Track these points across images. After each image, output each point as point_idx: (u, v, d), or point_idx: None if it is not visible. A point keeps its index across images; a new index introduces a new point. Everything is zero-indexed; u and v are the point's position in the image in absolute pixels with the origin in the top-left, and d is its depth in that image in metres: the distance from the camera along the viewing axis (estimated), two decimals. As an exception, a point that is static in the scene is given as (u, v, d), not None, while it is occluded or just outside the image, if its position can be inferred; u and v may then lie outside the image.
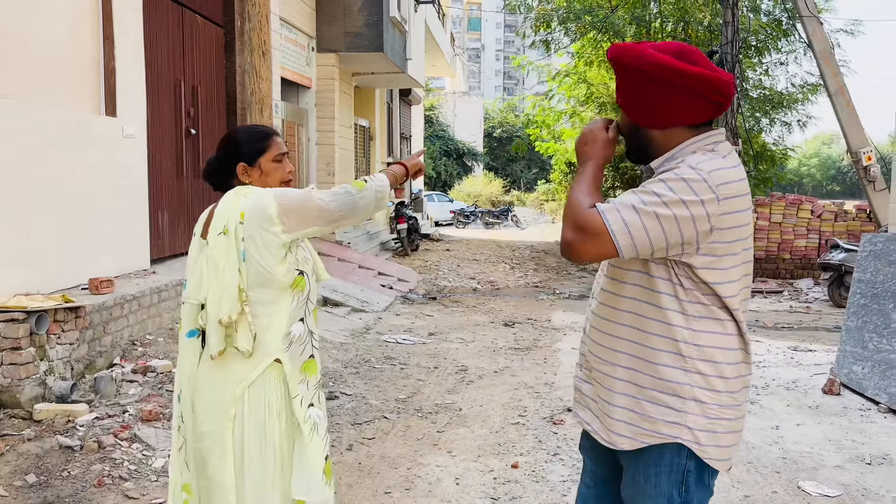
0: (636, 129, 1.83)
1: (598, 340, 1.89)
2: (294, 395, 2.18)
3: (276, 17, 9.66)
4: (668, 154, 1.79)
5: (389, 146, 18.47)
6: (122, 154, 6.35)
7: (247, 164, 2.26)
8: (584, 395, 1.96)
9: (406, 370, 6.21)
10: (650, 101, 1.77)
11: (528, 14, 18.65)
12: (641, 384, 1.81)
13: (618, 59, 1.79)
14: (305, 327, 2.22)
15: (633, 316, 1.82)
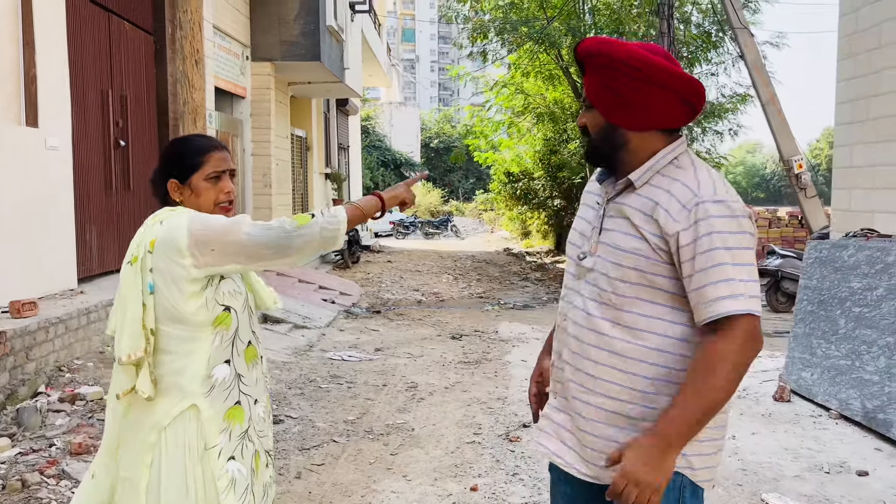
0: (612, 129, 1.74)
1: (581, 368, 1.75)
2: (211, 446, 1.88)
3: (209, 25, 9.32)
4: (649, 165, 1.71)
5: (327, 156, 18.16)
6: (45, 167, 5.96)
7: (178, 182, 1.99)
8: (557, 426, 1.82)
9: (354, 389, 5.98)
10: (636, 99, 1.68)
11: (464, 25, 18.67)
12: (633, 416, 1.70)
13: (604, 53, 1.70)
14: (232, 370, 1.93)
15: (630, 346, 1.69)
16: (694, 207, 1.62)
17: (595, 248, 1.76)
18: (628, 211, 1.71)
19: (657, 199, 1.67)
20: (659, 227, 1.65)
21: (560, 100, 18.43)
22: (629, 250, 1.68)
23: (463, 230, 30.72)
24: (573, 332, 1.78)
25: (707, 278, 1.58)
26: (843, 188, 5.71)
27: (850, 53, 5.61)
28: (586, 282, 1.77)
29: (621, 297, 1.69)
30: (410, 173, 43.65)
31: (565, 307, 1.83)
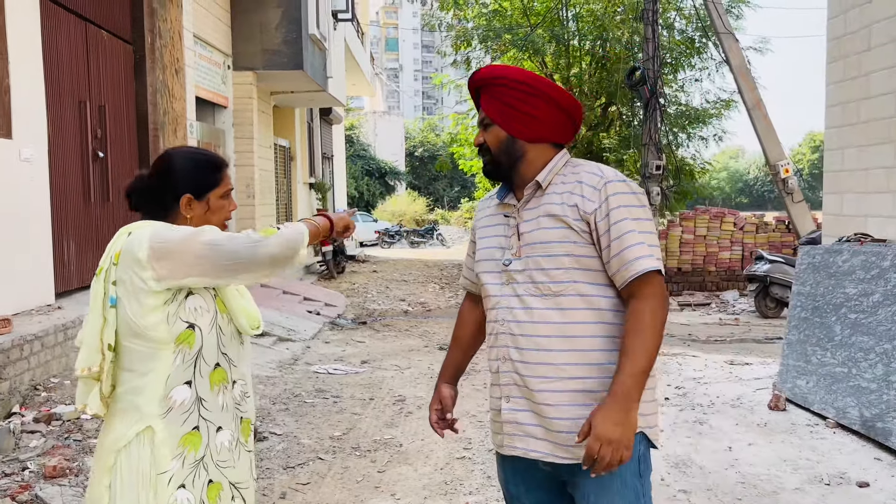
0: (512, 141, 1.93)
1: (539, 360, 1.88)
2: (162, 472, 1.77)
3: (189, 34, 9.18)
4: (549, 167, 1.93)
5: (311, 166, 18.01)
6: (20, 179, 5.79)
7: (193, 197, 1.90)
8: (522, 425, 1.92)
9: (340, 403, 5.84)
10: (534, 114, 1.91)
11: (447, 33, 18.62)
12: (593, 389, 1.86)
13: (500, 75, 1.94)
14: (192, 393, 1.82)
15: (576, 325, 1.86)
16: (603, 186, 1.86)
17: (519, 252, 1.93)
18: (546, 208, 1.90)
19: (570, 189, 1.89)
20: (578, 210, 1.86)
21: (545, 107, 18.38)
22: (557, 240, 1.87)
23: (449, 239, 30.61)
24: (518, 332, 1.90)
25: (623, 244, 1.82)
26: (835, 192, 5.64)
27: (839, 56, 5.56)
28: (518, 283, 1.92)
29: (559, 283, 1.86)
30: (396, 182, 43.58)
31: (500, 314, 1.95)
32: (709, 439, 4.72)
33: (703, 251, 12.37)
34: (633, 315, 1.80)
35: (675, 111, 17.59)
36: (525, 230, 1.93)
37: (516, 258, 1.93)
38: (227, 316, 1.90)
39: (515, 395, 1.93)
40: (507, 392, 1.95)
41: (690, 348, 7.94)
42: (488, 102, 1.94)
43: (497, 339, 1.96)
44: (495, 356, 1.98)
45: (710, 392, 5.90)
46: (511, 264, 1.94)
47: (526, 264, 1.91)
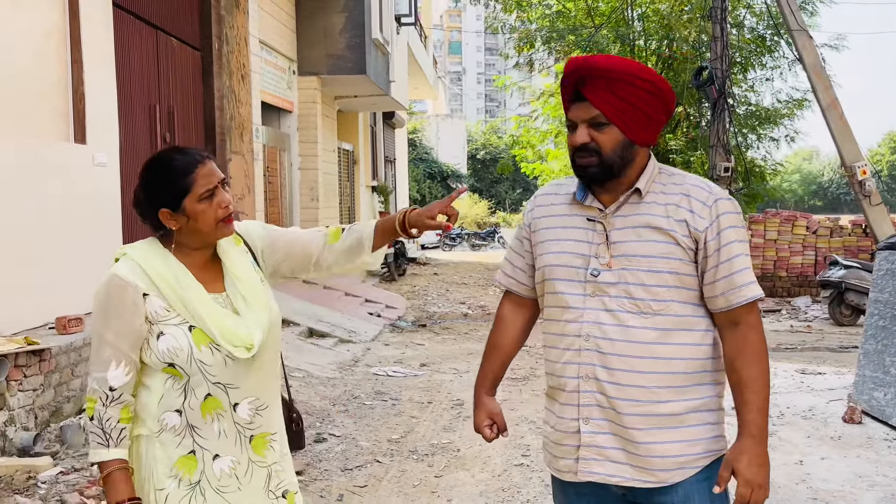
0: (629, 145, 1.78)
1: (630, 383, 1.78)
2: (160, 488, 1.78)
3: (255, 40, 9.37)
4: (648, 173, 1.81)
5: (374, 169, 18.19)
6: (93, 183, 5.99)
7: (170, 211, 1.80)
8: (602, 448, 1.82)
9: (398, 406, 5.84)
10: (653, 117, 1.78)
11: (510, 35, 18.54)
12: (678, 412, 1.79)
13: (626, 70, 1.75)
14: (183, 421, 1.79)
15: (670, 347, 1.77)
16: (713, 204, 1.76)
17: (610, 263, 1.79)
18: (647, 219, 1.78)
19: (675, 202, 1.78)
20: (687, 227, 1.76)
21: (609, 108, 18.10)
22: (661, 255, 1.76)
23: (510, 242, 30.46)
24: (609, 350, 1.78)
25: (733, 267, 1.75)
26: (915, 195, 5.35)
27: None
28: (611, 297, 1.79)
29: (660, 301, 1.76)
30: (457, 185, 43.65)
31: (585, 328, 1.81)
32: (778, 452, 4.54)
33: (774, 255, 11.95)
34: (747, 345, 1.75)
35: (745, 111, 17.09)
36: (618, 239, 1.79)
37: (606, 269, 1.79)
38: (209, 346, 1.79)
39: (596, 417, 1.82)
40: (586, 413, 1.82)
41: (759, 356, 7.67)
42: (604, 98, 1.74)
43: (579, 355, 1.82)
44: (574, 373, 1.83)
45: (780, 402, 5.67)
46: (600, 275, 1.79)
47: (621, 277, 1.78)
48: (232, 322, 1.82)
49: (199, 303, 1.79)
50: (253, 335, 1.82)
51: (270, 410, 1.91)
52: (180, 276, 1.80)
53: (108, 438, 1.74)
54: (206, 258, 1.88)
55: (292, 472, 2.00)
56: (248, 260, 1.93)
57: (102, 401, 1.74)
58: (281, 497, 1.92)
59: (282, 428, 1.97)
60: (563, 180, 1.97)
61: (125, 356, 1.76)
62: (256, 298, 1.88)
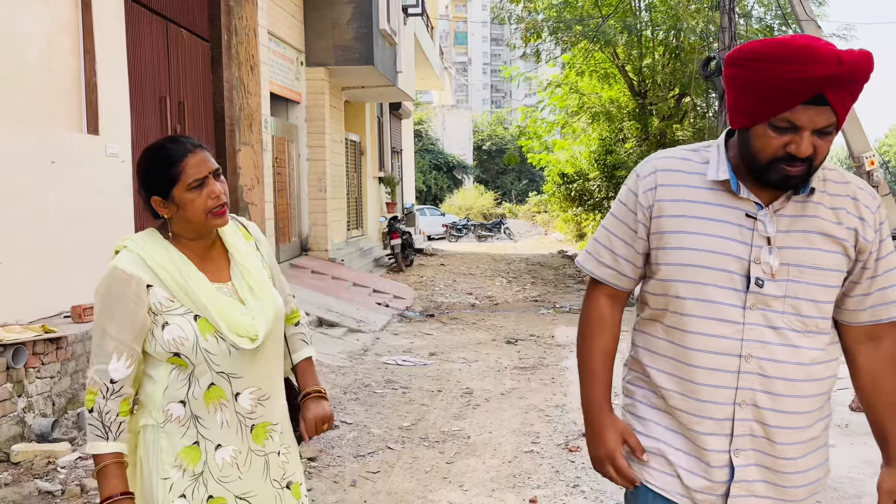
0: None
1: (791, 409, 1.56)
2: (164, 477, 1.80)
3: (263, 31, 9.40)
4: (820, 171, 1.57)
5: (381, 160, 18.22)
6: (106, 173, 6.05)
7: (161, 199, 1.83)
8: (750, 483, 1.60)
9: (408, 394, 5.91)
10: None
11: (517, 25, 18.52)
12: (818, 435, 1.65)
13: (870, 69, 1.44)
14: (188, 411, 1.81)
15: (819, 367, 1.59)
16: (878, 210, 1.58)
17: (776, 272, 1.54)
18: (819, 224, 1.55)
19: (843, 206, 1.57)
20: (857, 236, 1.56)
21: (616, 98, 18.12)
22: (834, 268, 1.56)
23: (516, 233, 30.50)
24: (775, 374, 1.55)
25: (889, 280, 1.59)
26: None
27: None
28: (776, 312, 1.55)
29: (826, 319, 1.59)
30: (463, 176, 43.62)
31: (748, 346, 1.55)
32: (785, 440, 4.59)
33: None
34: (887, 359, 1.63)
35: (753, 102, 17.08)
36: (785, 244, 1.54)
37: (770, 279, 1.54)
38: (214, 336, 1.80)
39: (747, 448, 1.59)
40: (738, 444, 1.58)
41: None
42: (845, 105, 1.44)
43: (738, 378, 1.56)
44: (727, 398, 1.57)
45: (787, 391, 5.73)
46: (765, 286, 1.54)
47: (789, 290, 1.54)
48: (237, 312, 1.83)
49: (202, 292, 1.80)
50: (257, 326, 1.83)
51: (272, 401, 1.92)
52: (182, 267, 1.81)
53: (107, 431, 1.75)
54: (206, 248, 1.89)
55: (297, 462, 2.01)
56: (256, 254, 1.96)
57: (103, 393, 1.76)
58: (285, 488, 1.94)
59: (285, 419, 1.98)
60: (680, 152, 1.66)
61: (128, 348, 1.77)
62: (263, 290, 1.89)
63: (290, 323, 2.10)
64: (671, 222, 1.60)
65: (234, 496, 1.85)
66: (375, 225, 16.98)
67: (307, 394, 2.04)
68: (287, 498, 1.94)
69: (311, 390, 2.05)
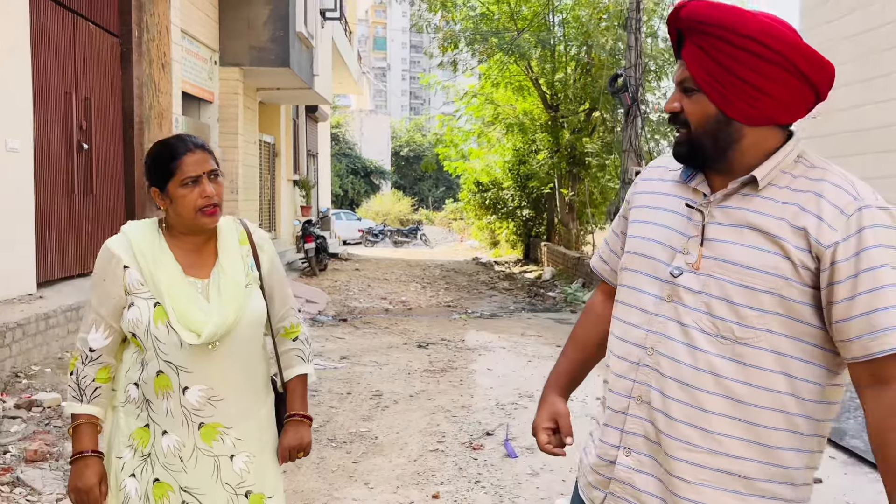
0: (726, 122, 1.36)
1: (688, 420, 1.38)
2: (118, 456, 1.91)
3: (176, 29, 9.25)
4: (775, 160, 1.37)
5: (296, 163, 18.08)
6: (5, 169, 5.85)
7: (158, 191, 1.93)
8: (639, 491, 1.45)
9: (317, 397, 5.95)
10: (765, 88, 1.32)
11: (435, 34, 18.77)
12: (751, 476, 1.38)
13: (728, 24, 1.32)
14: (140, 395, 1.91)
15: (756, 391, 1.36)
16: (856, 213, 1.30)
17: (699, 264, 1.39)
18: (757, 219, 1.36)
19: (800, 202, 1.34)
20: (807, 237, 1.32)
21: (529, 111, 18.60)
22: (764, 269, 1.33)
23: (432, 239, 30.75)
24: (670, 374, 1.40)
25: (877, 301, 1.27)
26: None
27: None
28: (687, 307, 1.40)
29: (748, 328, 1.34)
30: (381, 181, 43.65)
31: (651, 339, 1.44)
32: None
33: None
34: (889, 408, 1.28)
35: (658, 118, 17.85)
36: (714, 236, 1.39)
37: (692, 270, 1.40)
38: (165, 325, 1.86)
39: (640, 452, 1.45)
40: (629, 442, 1.47)
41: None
42: (696, 57, 1.35)
43: (635, 370, 1.46)
44: (625, 390, 1.47)
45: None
46: (681, 276, 1.41)
47: (705, 285, 1.38)
48: (191, 306, 1.87)
49: (166, 282, 1.87)
50: (205, 324, 1.85)
51: (227, 405, 1.92)
52: (158, 255, 1.90)
53: (81, 394, 1.90)
54: (199, 244, 1.95)
55: (267, 474, 2.00)
56: (243, 260, 1.99)
57: (82, 359, 1.90)
58: (243, 496, 1.93)
59: (257, 430, 1.98)
60: None
61: (104, 321, 1.90)
62: (231, 293, 1.92)
63: (287, 338, 2.13)
64: (636, 212, 1.56)
65: (178, 486, 1.89)
66: (289, 228, 16.83)
67: (291, 415, 2.07)
68: None
69: (295, 413, 2.08)
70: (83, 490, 1.89)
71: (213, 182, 1.91)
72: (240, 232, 2.04)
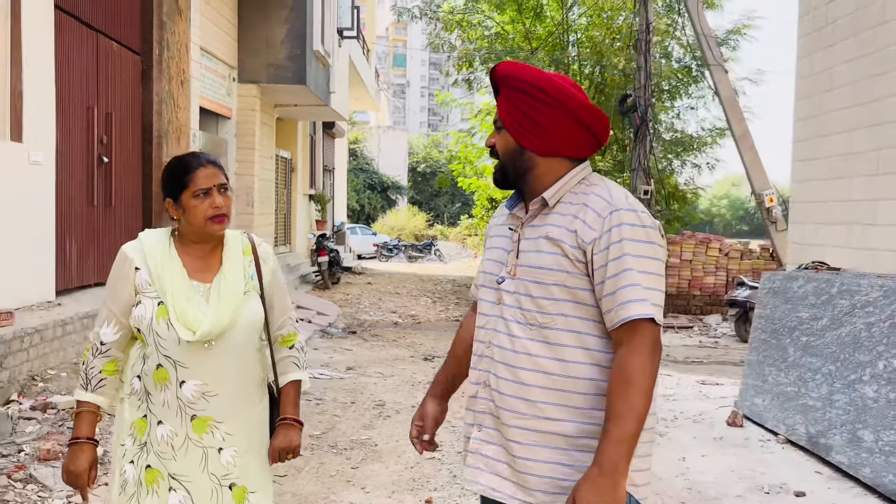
0: (521, 151, 1.77)
1: (514, 394, 1.74)
2: (121, 443, 2.11)
3: (196, 47, 9.54)
4: (560, 184, 1.76)
5: (312, 178, 18.37)
6: (28, 181, 6.10)
7: (172, 201, 2.12)
8: (488, 459, 1.78)
9: (322, 405, 6.12)
10: (546, 126, 1.74)
11: (451, 53, 19.06)
12: (570, 434, 1.70)
13: (520, 77, 1.75)
14: (142, 386, 2.10)
15: (560, 363, 1.71)
16: (608, 215, 1.67)
17: (514, 272, 1.77)
18: (549, 230, 1.73)
19: (574, 212, 1.72)
20: (576, 237, 1.69)
21: (543, 129, 18.74)
22: (549, 266, 1.71)
23: (446, 254, 30.90)
24: (500, 359, 1.77)
25: (618, 283, 1.63)
26: (799, 222, 5.97)
27: (805, 95, 5.89)
28: (507, 305, 1.78)
29: (546, 314, 1.71)
30: (397, 196, 43.94)
31: (488, 335, 1.82)
32: (665, 449, 5.00)
33: (689, 275, 12.66)
34: (620, 370, 1.61)
35: (671, 138, 17.99)
36: (524, 248, 1.78)
37: (510, 277, 1.79)
38: (166, 322, 2.05)
39: (488, 426, 1.80)
40: (480, 420, 1.82)
41: (666, 368, 8.20)
42: (503, 103, 1.78)
43: (480, 361, 1.84)
44: (475, 378, 1.85)
45: (676, 408, 6.18)
46: (503, 283, 1.80)
47: (517, 287, 1.77)
48: (190, 306, 2.05)
49: (171, 283, 2.07)
50: (201, 322, 2.03)
51: (220, 400, 2.08)
52: (167, 259, 2.10)
53: (87, 382, 2.11)
54: (205, 252, 2.14)
55: (256, 474, 2.16)
56: (244, 269, 2.17)
57: (93, 351, 2.10)
58: (227, 487, 2.08)
59: (246, 428, 2.13)
60: None
61: (115, 318, 2.10)
62: (229, 297, 2.09)
63: (284, 345, 2.27)
64: (487, 241, 1.97)
65: (167, 473, 2.06)
66: (304, 242, 17.08)
67: (283, 419, 2.21)
68: (226, 497, 2.09)
69: (287, 416, 2.21)
70: (74, 473, 2.10)
71: (223, 195, 2.10)
72: (245, 244, 2.22)
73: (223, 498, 2.09)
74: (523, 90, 1.74)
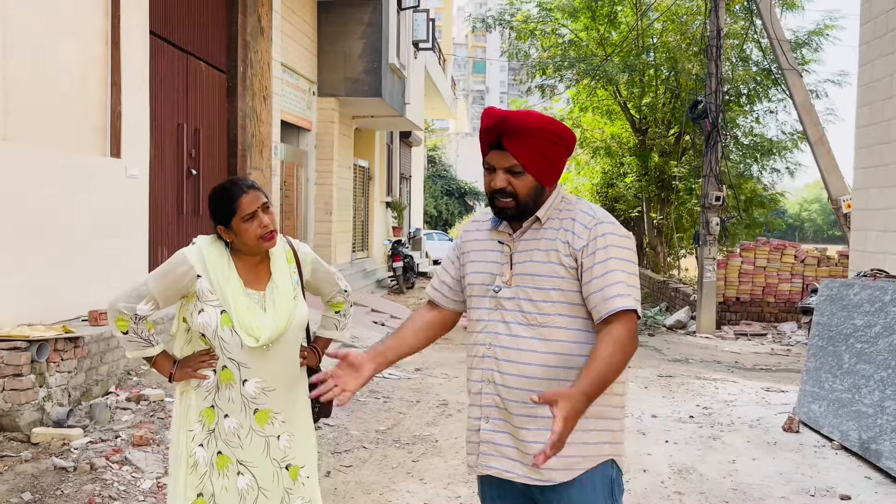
0: (541, 189, 2.01)
1: (520, 387, 1.97)
2: (189, 429, 2.41)
3: (277, 64, 10.12)
4: (549, 203, 2.04)
5: (389, 186, 18.90)
6: (125, 193, 6.70)
7: (223, 227, 2.38)
8: (499, 446, 2.02)
9: (389, 403, 6.47)
10: (558, 163, 2.02)
11: (525, 61, 19.24)
12: None
13: (540, 126, 1.96)
14: (214, 380, 2.40)
15: (557, 356, 1.97)
16: (594, 227, 1.97)
17: (510, 281, 2.03)
18: (542, 243, 2.01)
19: (563, 226, 2.01)
20: (569, 247, 1.97)
21: (618, 134, 18.73)
22: (546, 274, 1.98)
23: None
24: (503, 357, 2.01)
25: (605, 281, 1.92)
26: (860, 229, 5.94)
27: (866, 102, 5.87)
28: (507, 310, 2.02)
29: (545, 314, 1.98)
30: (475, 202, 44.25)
31: (486, 338, 2.05)
32: (717, 452, 5.11)
33: (763, 282, 12.45)
34: (609, 335, 1.88)
35: (749, 142, 17.62)
36: (518, 260, 2.02)
37: (507, 286, 2.02)
38: (230, 329, 2.35)
39: (495, 417, 2.03)
40: (487, 413, 2.05)
41: (733, 374, 8.20)
42: (521, 150, 1.96)
43: (482, 361, 2.06)
44: (478, 377, 2.07)
45: (734, 413, 6.23)
46: (501, 291, 2.03)
47: (515, 293, 2.00)
48: (252, 315, 2.35)
49: (232, 294, 2.37)
50: (263, 330, 2.33)
51: (278, 394, 2.41)
52: (227, 271, 2.40)
53: (150, 340, 2.44)
54: (256, 262, 2.46)
55: (304, 450, 2.50)
56: (290, 276, 2.50)
57: (133, 321, 2.41)
58: (284, 468, 2.43)
59: (295, 412, 2.50)
60: (488, 210, 2.19)
61: (154, 300, 2.41)
62: (283, 305, 2.40)
63: (333, 308, 2.68)
64: (467, 255, 2.18)
65: (236, 459, 2.42)
66: (381, 248, 17.59)
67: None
68: (285, 477, 2.47)
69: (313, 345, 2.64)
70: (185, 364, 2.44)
71: (266, 213, 2.40)
72: (287, 251, 2.53)
73: (282, 478, 2.46)
74: (546, 138, 1.97)
